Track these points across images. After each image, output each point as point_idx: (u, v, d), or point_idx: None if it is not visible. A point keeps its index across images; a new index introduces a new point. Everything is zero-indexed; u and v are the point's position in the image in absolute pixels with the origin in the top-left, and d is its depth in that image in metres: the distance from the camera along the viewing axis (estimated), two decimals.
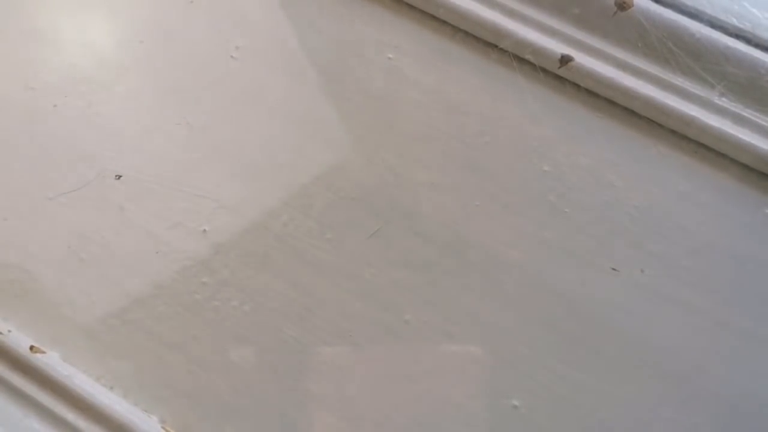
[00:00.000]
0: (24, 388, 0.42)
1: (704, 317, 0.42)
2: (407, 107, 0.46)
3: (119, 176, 0.46)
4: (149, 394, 0.42)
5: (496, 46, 0.46)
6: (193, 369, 0.42)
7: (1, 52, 0.49)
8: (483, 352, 0.42)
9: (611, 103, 0.45)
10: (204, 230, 0.45)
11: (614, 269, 0.43)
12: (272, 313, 0.43)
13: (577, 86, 0.45)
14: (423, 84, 0.47)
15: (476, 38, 0.47)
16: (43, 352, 0.42)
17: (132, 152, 0.46)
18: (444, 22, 0.47)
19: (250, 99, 0.47)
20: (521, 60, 0.46)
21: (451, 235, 0.44)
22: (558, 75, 0.46)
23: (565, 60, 0.45)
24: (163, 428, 0.41)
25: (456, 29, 0.47)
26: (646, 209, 0.44)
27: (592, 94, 0.45)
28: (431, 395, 0.42)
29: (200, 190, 0.45)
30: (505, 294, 0.43)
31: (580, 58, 0.45)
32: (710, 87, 0.44)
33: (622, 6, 0.44)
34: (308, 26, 0.48)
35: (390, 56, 0.47)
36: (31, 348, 0.42)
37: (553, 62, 0.45)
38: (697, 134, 0.44)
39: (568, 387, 0.41)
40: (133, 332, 0.43)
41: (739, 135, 0.43)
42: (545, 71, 0.46)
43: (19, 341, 0.42)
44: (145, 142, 0.46)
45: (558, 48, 0.45)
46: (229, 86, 0.47)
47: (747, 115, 0.43)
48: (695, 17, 0.44)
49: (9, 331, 0.43)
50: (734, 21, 0.44)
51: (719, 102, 0.44)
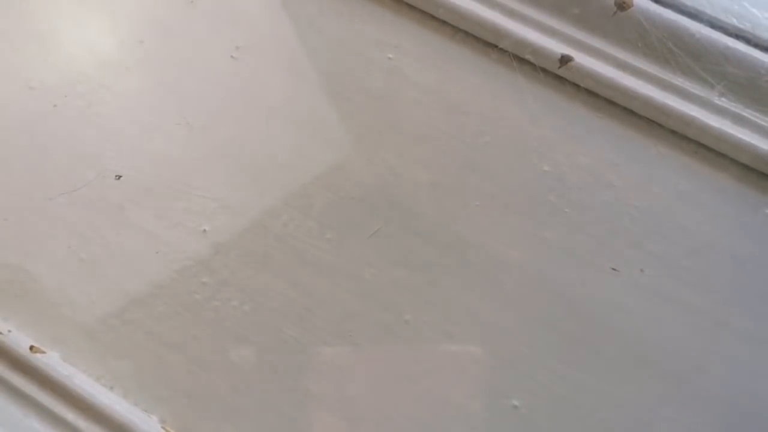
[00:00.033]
0: (24, 388, 0.42)
1: (704, 317, 0.42)
2: (407, 107, 0.46)
3: (119, 176, 0.46)
4: (149, 394, 0.42)
5: (496, 46, 0.46)
6: (193, 369, 0.42)
7: (1, 52, 0.49)
8: (483, 352, 0.42)
9: (611, 103, 0.45)
10: (204, 230, 0.45)
11: (614, 269, 0.43)
12: (272, 313, 0.43)
13: (577, 86, 0.45)
14: (423, 84, 0.47)
15: (476, 38, 0.47)
16: (43, 352, 0.42)
17: (132, 152, 0.46)
18: (444, 22, 0.47)
19: (250, 99, 0.47)
20: (521, 60, 0.46)
21: (451, 235, 0.44)
22: (558, 75, 0.46)
23: (565, 60, 0.45)
24: (163, 428, 0.42)
25: (456, 29, 0.47)
26: (646, 209, 0.44)
27: (592, 94, 0.45)
28: (431, 395, 0.42)
29: (200, 190, 0.45)
30: (505, 294, 0.43)
31: (580, 58, 0.45)
32: (710, 87, 0.44)
33: (622, 6, 0.44)
34: (308, 26, 0.48)
35: (390, 56, 0.47)
36: (31, 348, 0.42)
37: (553, 62, 0.45)
38: (697, 134, 0.44)
39: (568, 387, 0.41)
40: (133, 332, 0.43)
41: (739, 135, 0.43)
42: (545, 71, 0.46)
43: (19, 341, 0.42)
44: (145, 142, 0.46)
45: (558, 48, 0.45)
46: (229, 86, 0.47)
47: (747, 115, 0.43)
48: (695, 17, 0.44)
49: (9, 331, 0.43)
50: (734, 21, 0.44)
51: (719, 102, 0.44)
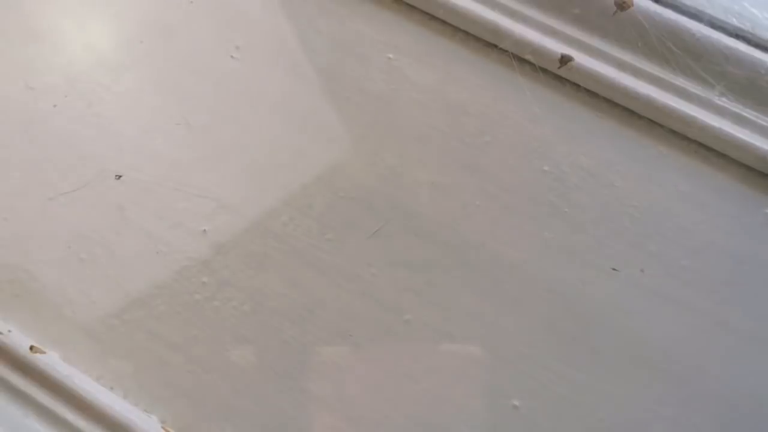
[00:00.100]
0: (24, 388, 0.42)
1: (704, 317, 0.42)
2: (407, 107, 0.46)
3: (119, 176, 0.46)
4: (149, 394, 0.42)
5: (496, 46, 0.46)
6: (193, 369, 0.42)
7: (1, 52, 0.49)
8: (483, 352, 0.42)
9: (611, 103, 0.45)
10: (204, 230, 0.45)
11: (614, 269, 0.43)
12: (272, 313, 0.43)
13: (577, 86, 0.45)
14: (423, 84, 0.47)
15: (476, 38, 0.47)
16: (43, 352, 0.42)
17: (132, 152, 0.46)
18: (444, 22, 0.47)
19: (250, 99, 0.47)
20: (521, 60, 0.46)
21: (451, 235, 0.44)
22: (558, 75, 0.46)
23: (565, 60, 0.45)
24: (163, 428, 0.42)
25: (456, 29, 0.47)
26: (646, 209, 0.44)
27: (592, 94, 0.45)
28: (431, 395, 0.42)
29: (200, 190, 0.45)
30: (505, 294, 0.43)
31: (580, 58, 0.45)
32: (710, 87, 0.44)
33: (622, 6, 0.44)
34: (308, 26, 0.48)
35: (390, 56, 0.47)
36: (31, 348, 0.42)
37: (553, 62, 0.45)
38: (697, 134, 0.44)
39: (568, 387, 0.41)
40: (133, 332, 0.43)
41: (739, 135, 0.43)
42: (545, 71, 0.46)
43: (19, 341, 0.42)
44: (145, 142, 0.46)
45: (558, 48, 0.45)
46: (229, 86, 0.47)
47: (747, 115, 0.43)
48: (695, 17, 0.44)
49: (9, 331, 0.43)
50: (734, 21, 0.44)
51: (719, 102, 0.44)
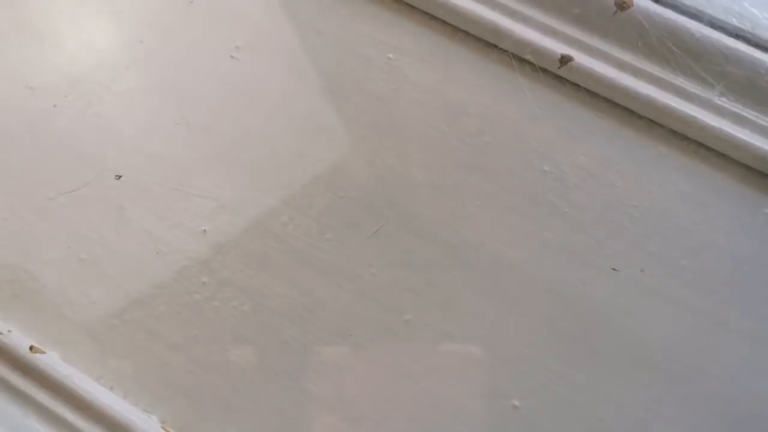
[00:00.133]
0: (24, 388, 0.42)
1: (704, 317, 0.42)
2: (407, 107, 0.46)
3: (119, 176, 0.46)
4: (149, 394, 0.42)
5: (496, 46, 0.46)
6: (193, 369, 0.42)
7: (1, 52, 0.49)
8: (483, 352, 0.42)
9: (611, 103, 0.45)
10: (204, 230, 0.45)
11: (614, 269, 0.43)
12: (272, 313, 0.43)
13: (577, 86, 0.45)
14: (423, 84, 0.47)
15: (476, 38, 0.47)
16: (43, 352, 0.42)
17: (132, 152, 0.46)
18: (444, 22, 0.47)
19: (250, 99, 0.47)
20: (521, 60, 0.46)
21: (451, 235, 0.44)
22: (558, 75, 0.46)
23: (565, 60, 0.45)
24: (163, 428, 0.42)
25: (456, 29, 0.47)
26: (646, 209, 0.44)
27: (592, 94, 0.45)
28: (431, 395, 0.42)
29: (200, 190, 0.45)
30: (505, 294, 0.43)
31: (580, 58, 0.45)
32: (710, 87, 0.44)
33: (622, 6, 0.44)
34: (308, 26, 0.48)
35: (390, 56, 0.47)
36: (31, 348, 0.42)
37: (553, 62, 0.45)
38: (697, 134, 0.44)
39: (568, 387, 0.41)
40: (133, 332, 0.43)
41: (739, 135, 0.43)
42: (545, 71, 0.46)
43: (19, 341, 0.42)
44: (145, 142, 0.46)
45: (558, 48, 0.45)
46: (229, 86, 0.47)
47: (747, 115, 0.43)
48: (695, 17, 0.44)
49: (9, 331, 0.43)
50: (734, 21, 0.44)
51: (719, 102, 0.44)
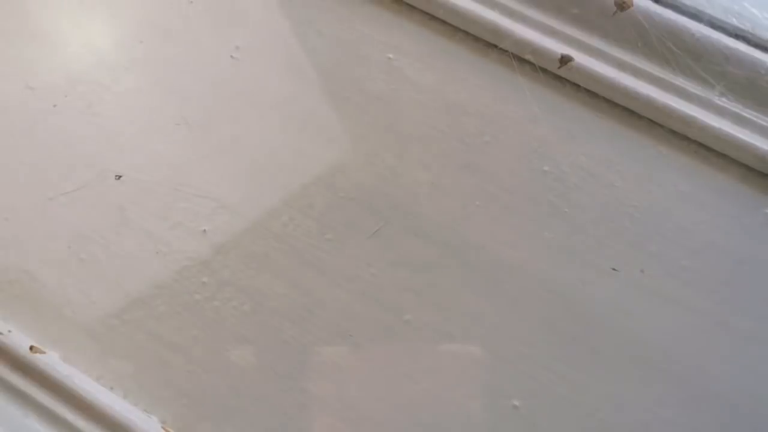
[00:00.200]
0: (24, 388, 0.42)
1: (704, 317, 0.42)
2: (407, 107, 0.46)
3: (119, 176, 0.46)
4: (149, 394, 0.42)
5: (496, 46, 0.46)
6: (193, 369, 0.42)
7: (1, 52, 0.49)
8: (483, 352, 0.42)
9: (611, 103, 0.45)
10: (204, 230, 0.45)
11: (614, 269, 0.43)
12: (272, 313, 0.43)
13: (577, 86, 0.45)
14: (423, 84, 0.47)
15: (476, 38, 0.47)
16: (43, 352, 0.42)
17: (132, 152, 0.46)
18: (444, 22, 0.47)
19: (250, 99, 0.47)
20: (521, 60, 0.46)
21: (451, 235, 0.44)
22: (558, 75, 0.46)
23: (565, 60, 0.45)
24: (163, 428, 0.42)
25: (456, 29, 0.47)
26: (646, 209, 0.44)
27: (592, 94, 0.45)
28: (431, 395, 0.42)
29: (200, 190, 0.45)
30: (505, 294, 0.43)
31: (580, 58, 0.45)
32: (710, 87, 0.44)
33: (622, 6, 0.44)
34: (308, 26, 0.48)
35: (390, 56, 0.47)
36: (31, 348, 0.42)
37: (553, 62, 0.45)
38: (698, 134, 0.44)
39: (568, 387, 0.41)
40: (133, 332, 0.43)
41: (739, 135, 0.43)
42: (545, 71, 0.46)
43: (19, 341, 0.42)
44: (145, 142, 0.46)
45: (558, 48, 0.45)
46: (229, 86, 0.47)
47: (747, 115, 0.43)
48: (695, 17, 0.44)
49: (9, 331, 0.43)
50: (734, 21, 0.44)
51: (719, 102, 0.44)
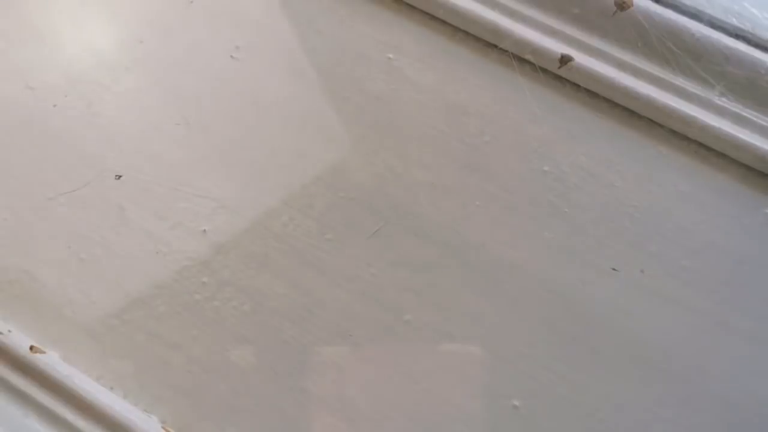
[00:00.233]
0: (24, 388, 0.42)
1: (704, 317, 0.42)
2: (407, 107, 0.46)
3: (119, 176, 0.46)
4: (149, 394, 0.42)
5: (496, 46, 0.46)
6: (193, 369, 0.42)
7: (1, 52, 0.49)
8: (483, 352, 0.42)
9: (611, 103, 0.45)
10: (204, 230, 0.45)
11: (614, 269, 0.43)
12: (272, 313, 0.43)
13: (577, 86, 0.45)
14: (423, 84, 0.47)
15: (476, 38, 0.47)
16: (43, 352, 0.42)
17: (132, 152, 0.46)
18: (444, 22, 0.47)
19: (250, 99, 0.47)
20: (521, 60, 0.46)
21: (451, 235, 0.44)
22: (558, 75, 0.46)
23: (565, 60, 0.45)
24: (163, 428, 0.42)
25: (456, 29, 0.47)
26: (646, 209, 0.44)
27: (592, 94, 0.45)
28: (431, 395, 0.42)
29: (200, 190, 0.45)
30: (505, 294, 0.43)
31: (580, 58, 0.45)
32: (710, 87, 0.44)
33: (622, 6, 0.44)
34: (308, 26, 0.48)
35: (390, 56, 0.47)
36: (31, 348, 0.42)
37: (553, 62, 0.45)
38: (697, 134, 0.44)
39: (568, 387, 0.41)
40: (133, 332, 0.43)
41: (739, 135, 0.43)
42: (545, 71, 0.46)
43: (19, 341, 0.42)
44: (145, 142, 0.46)
45: (558, 48, 0.45)
46: (229, 86, 0.47)
47: (747, 115, 0.43)
48: (695, 17, 0.44)
49: (9, 331, 0.43)
50: (734, 21, 0.44)
51: (719, 102, 0.44)
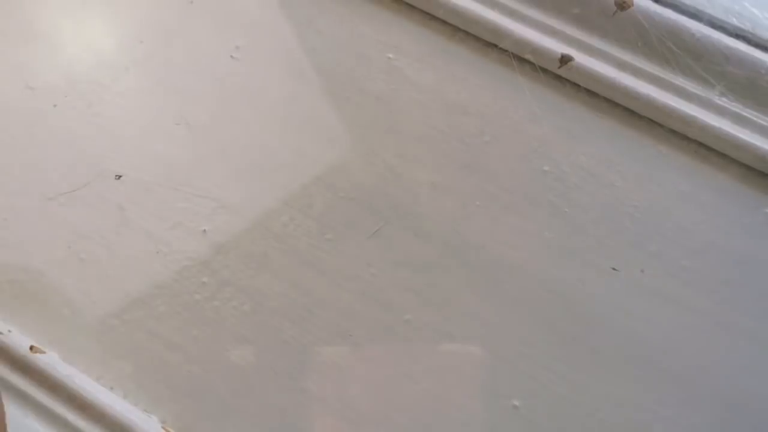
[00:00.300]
0: (24, 388, 0.42)
1: (704, 317, 0.42)
2: (407, 107, 0.46)
3: (119, 176, 0.46)
4: (149, 394, 0.42)
5: (496, 46, 0.46)
6: (193, 369, 0.42)
7: (1, 52, 0.49)
8: (483, 352, 0.42)
9: (611, 103, 0.45)
10: (204, 230, 0.45)
11: (614, 269, 0.43)
12: (272, 313, 0.43)
13: (577, 86, 0.45)
14: (423, 84, 0.47)
15: (476, 38, 0.47)
16: (43, 352, 0.42)
17: (132, 152, 0.46)
18: (444, 22, 0.47)
19: (250, 99, 0.47)
20: (521, 60, 0.46)
21: (451, 235, 0.44)
22: (558, 75, 0.46)
23: (565, 60, 0.45)
24: (163, 428, 0.42)
25: (456, 29, 0.47)
26: (646, 209, 0.44)
27: (592, 94, 0.45)
28: (431, 395, 0.42)
29: (200, 190, 0.45)
30: (505, 294, 0.43)
31: (580, 58, 0.45)
32: (710, 87, 0.44)
33: (622, 6, 0.44)
34: (308, 26, 0.48)
35: (390, 56, 0.47)
36: (31, 348, 0.42)
37: (553, 62, 0.45)
38: (697, 134, 0.44)
39: (568, 387, 0.41)
40: (133, 332, 0.43)
41: (739, 135, 0.43)
42: (545, 71, 0.46)
43: (19, 341, 0.42)
44: (145, 142, 0.46)
45: (558, 48, 0.45)
46: (229, 86, 0.47)
47: (747, 115, 0.43)
48: (695, 17, 0.44)
49: (9, 331, 0.43)
50: (734, 21, 0.44)
51: (719, 102, 0.44)
